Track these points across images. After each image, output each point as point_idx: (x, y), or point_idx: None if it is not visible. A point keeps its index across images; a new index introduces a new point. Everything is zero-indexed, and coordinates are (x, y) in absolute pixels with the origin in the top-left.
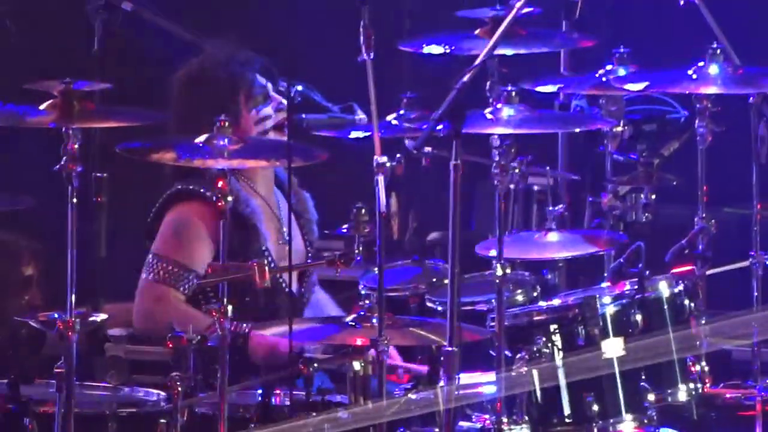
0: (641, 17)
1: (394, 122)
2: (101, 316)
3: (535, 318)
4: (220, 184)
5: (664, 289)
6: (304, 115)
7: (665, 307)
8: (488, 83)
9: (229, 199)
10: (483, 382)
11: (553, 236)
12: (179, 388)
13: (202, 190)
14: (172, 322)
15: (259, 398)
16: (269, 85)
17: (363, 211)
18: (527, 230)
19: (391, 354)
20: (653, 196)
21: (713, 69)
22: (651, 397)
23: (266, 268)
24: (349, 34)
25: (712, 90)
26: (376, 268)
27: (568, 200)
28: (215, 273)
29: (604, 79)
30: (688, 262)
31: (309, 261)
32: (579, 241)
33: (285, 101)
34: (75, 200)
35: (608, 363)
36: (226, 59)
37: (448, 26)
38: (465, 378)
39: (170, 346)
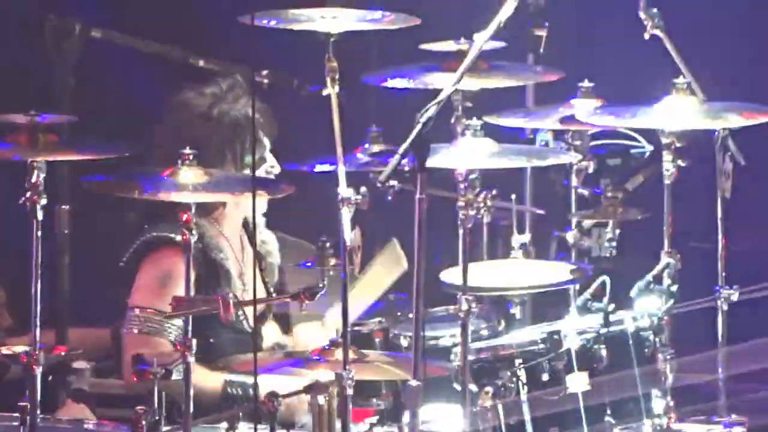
0: (606, 51)
1: (360, 156)
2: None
3: (500, 353)
4: (184, 217)
5: (629, 324)
6: None
7: (630, 342)
8: (453, 117)
9: (194, 233)
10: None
11: (518, 265)
12: (143, 422)
13: (178, 238)
14: None
15: None
16: (267, 144)
17: (327, 245)
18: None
19: None
20: (618, 231)
21: (678, 104)
22: None
23: (231, 301)
24: (315, 66)
25: (678, 125)
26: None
27: (533, 235)
28: (180, 307)
29: (569, 113)
30: (653, 296)
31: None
32: (544, 271)
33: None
34: (39, 233)
35: (573, 398)
36: (245, 102)
37: (413, 60)
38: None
39: (135, 380)
